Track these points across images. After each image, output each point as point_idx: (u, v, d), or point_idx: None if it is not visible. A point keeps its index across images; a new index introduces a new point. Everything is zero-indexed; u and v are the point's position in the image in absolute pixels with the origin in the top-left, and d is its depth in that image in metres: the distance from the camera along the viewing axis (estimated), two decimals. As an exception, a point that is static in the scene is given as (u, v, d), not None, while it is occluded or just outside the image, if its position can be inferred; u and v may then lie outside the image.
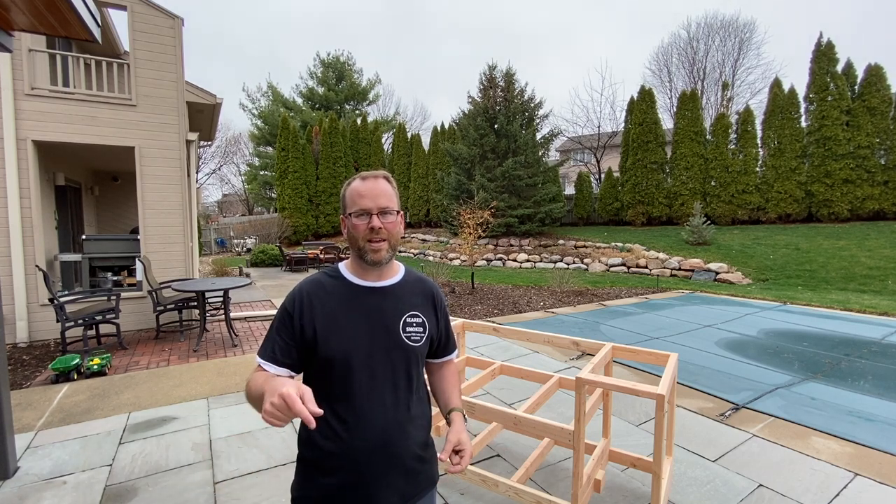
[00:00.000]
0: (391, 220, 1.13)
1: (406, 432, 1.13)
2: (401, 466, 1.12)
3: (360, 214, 1.11)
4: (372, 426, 1.08)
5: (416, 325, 1.18)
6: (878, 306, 7.48)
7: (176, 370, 4.51)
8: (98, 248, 6.84)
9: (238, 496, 2.43)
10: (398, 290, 1.20)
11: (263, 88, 33.39)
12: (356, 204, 1.12)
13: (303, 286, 1.17)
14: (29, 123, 5.55)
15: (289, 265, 13.88)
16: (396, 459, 1.11)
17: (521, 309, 7.63)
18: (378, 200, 1.11)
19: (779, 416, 3.40)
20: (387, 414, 1.11)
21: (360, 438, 1.07)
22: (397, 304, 1.18)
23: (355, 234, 1.13)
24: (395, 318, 1.16)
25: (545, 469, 2.66)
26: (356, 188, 1.14)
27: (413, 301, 1.21)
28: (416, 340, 1.17)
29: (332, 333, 1.10)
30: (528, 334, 2.91)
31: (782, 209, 14.23)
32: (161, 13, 6.26)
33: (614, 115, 27.64)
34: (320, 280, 1.18)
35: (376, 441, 1.08)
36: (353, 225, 1.12)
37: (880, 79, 13.17)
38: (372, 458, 1.08)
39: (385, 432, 1.09)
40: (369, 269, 1.16)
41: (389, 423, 1.10)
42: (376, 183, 1.13)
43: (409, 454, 1.14)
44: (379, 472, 1.08)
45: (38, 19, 2.48)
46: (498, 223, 14.39)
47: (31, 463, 2.75)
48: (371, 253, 1.12)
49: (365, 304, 1.15)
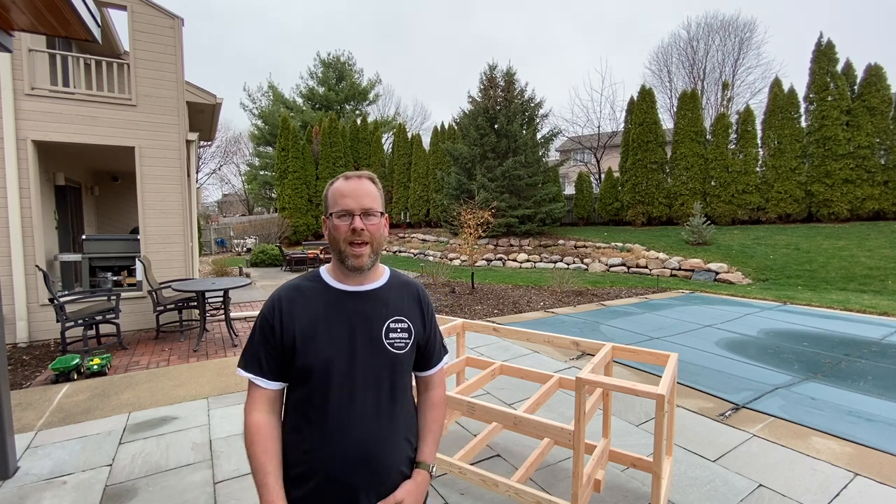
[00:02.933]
0: (374, 221, 1.09)
1: (388, 446, 1.08)
2: (383, 483, 1.06)
3: (341, 215, 1.07)
4: (349, 438, 1.03)
5: (400, 330, 1.12)
6: (878, 306, 7.48)
7: (176, 370, 4.51)
8: (98, 248, 6.84)
9: (238, 496, 2.42)
10: (382, 294, 1.15)
11: (264, 88, 33.46)
12: (338, 204, 1.08)
13: (281, 292, 1.12)
14: (29, 123, 5.55)
15: (289, 265, 13.88)
16: (377, 476, 1.05)
17: (521, 309, 7.63)
18: (361, 201, 1.07)
19: (779, 416, 3.40)
20: (367, 426, 1.05)
21: (337, 450, 1.02)
22: (381, 309, 1.12)
23: (336, 236, 1.08)
24: (378, 323, 1.11)
25: (545, 469, 2.66)
26: (339, 188, 1.09)
27: (398, 305, 1.15)
28: (399, 347, 1.11)
29: (311, 341, 1.05)
30: (528, 334, 2.91)
31: (782, 209, 14.23)
32: (161, 13, 6.26)
33: (614, 115, 27.67)
34: (299, 285, 1.13)
35: (354, 454, 1.03)
36: (335, 226, 1.08)
37: (880, 79, 13.16)
38: (350, 471, 1.02)
39: (364, 446, 1.04)
40: (350, 274, 1.11)
41: (369, 436, 1.05)
42: (360, 183, 1.09)
43: (393, 470, 1.08)
44: (359, 486, 1.03)
45: (38, 19, 2.48)
46: (498, 223, 14.39)
47: (31, 463, 2.75)
48: (352, 258, 1.07)
49: (346, 309, 1.09)
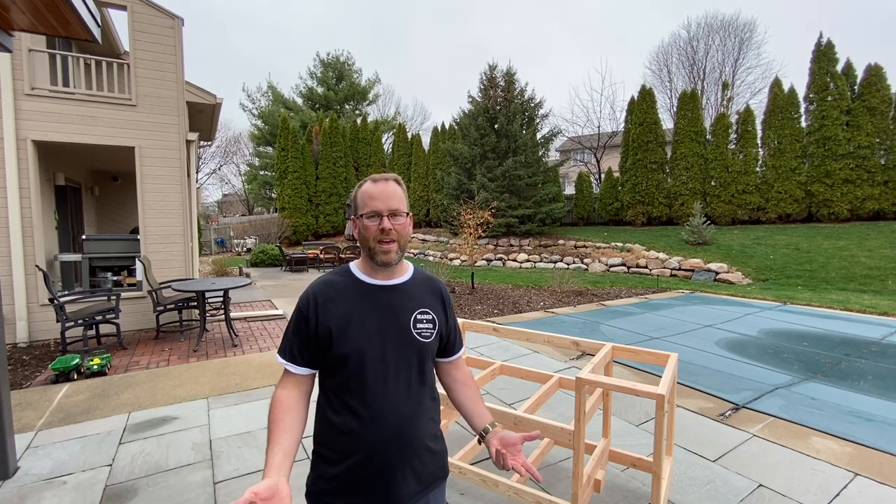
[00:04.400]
0: (401, 221, 1.17)
1: (418, 424, 1.17)
2: (414, 455, 1.15)
3: (371, 216, 1.15)
4: (386, 419, 1.12)
5: (426, 321, 1.22)
6: (878, 306, 7.48)
7: (176, 370, 4.51)
8: (98, 248, 6.84)
9: (238, 496, 2.42)
10: (408, 288, 1.24)
11: (263, 88, 33.43)
12: (367, 206, 1.16)
13: (315, 287, 1.20)
14: (29, 123, 5.55)
15: (289, 265, 13.87)
16: (410, 449, 1.14)
17: (521, 309, 7.63)
18: (389, 203, 1.15)
19: (779, 416, 3.40)
20: (399, 407, 1.14)
21: (376, 431, 1.11)
22: (408, 302, 1.21)
23: (366, 235, 1.16)
24: (406, 314, 1.19)
25: (545, 469, 2.66)
26: (367, 190, 1.17)
27: (422, 298, 1.25)
28: (426, 336, 1.20)
29: (346, 331, 1.13)
30: (528, 334, 2.90)
31: (782, 209, 14.23)
32: (161, 13, 6.25)
33: (614, 115, 27.67)
34: (332, 280, 1.21)
35: (390, 433, 1.11)
36: (365, 226, 1.16)
37: (880, 79, 13.17)
38: (387, 449, 1.11)
39: (398, 424, 1.13)
40: (379, 269, 1.20)
41: (402, 415, 1.14)
42: (387, 185, 1.17)
43: (422, 444, 1.17)
44: (395, 461, 1.12)
45: (38, 19, 2.48)
46: (498, 223, 14.39)
47: (31, 463, 2.75)
48: (381, 254, 1.16)
49: (377, 302, 1.18)
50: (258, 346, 5.42)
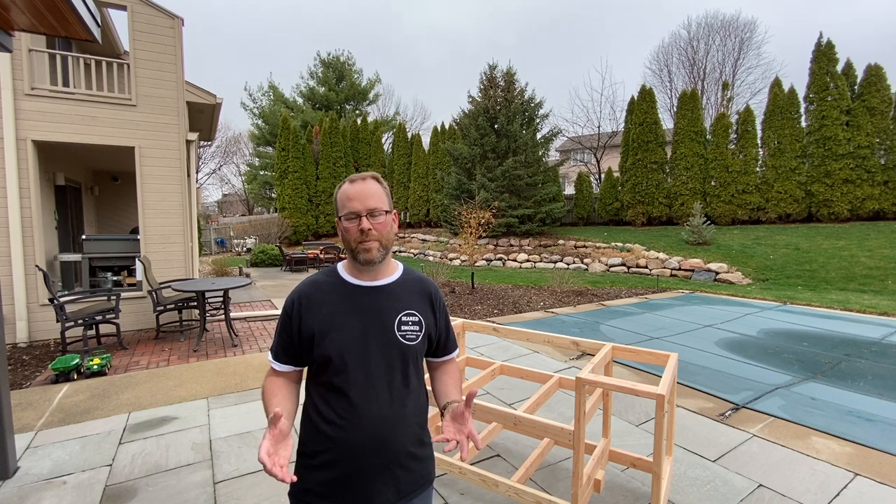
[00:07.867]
0: (381, 220, 1.16)
1: (400, 428, 1.15)
2: (395, 461, 1.13)
3: (350, 217, 1.15)
4: (366, 422, 1.11)
5: (411, 323, 1.20)
6: (878, 306, 7.48)
7: (176, 370, 4.51)
8: (98, 248, 6.84)
9: (238, 496, 2.42)
10: (394, 289, 1.22)
11: (264, 88, 33.40)
12: (345, 207, 1.16)
13: (300, 288, 1.21)
14: (29, 123, 5.55)
15: (289, 265, 13.87)
16: (390, 453, 1.12)
17: (521, 309, 7.63)
18: (366, 202, 1.14)
19: (779, 416, 3.40)
20: (381, 410, 1.12)
21: (355, 433, 1.10)
22: (393, 303, 1.20)
23: (347, 237, 1.17)
24: (391, 316, 1.18)
25: (545, 469, 2.66)
26: (345, 191, 1.17)
27: (409, 299, 1.23)
28: (411, 339, 1.19)
29: (328, 332, 1.13)
30: (528, 334, 2.90)
31: (782, 209, 14.22)
32: (161, 13, 6.26)
33: (614, 115, 27.65)
34: (317, 280, 1.22)
35: (370, 435, 1.10)
36: (345, 227, 1.17)
37: (880, 79, 13.16)
38: (366, 453, 1.10)
39: (379, 428, 1.11)
40: (364, 269, 1.20)
41: (384, 419, 1.12)
42: (364, 185, 1.16)
43: (403, 449, 1.15)
44: (373, 467, 1.10)
45: (38, 19, 2.48)
46: (498, 223, 14.39)
47: (31, 463, 2.75)
48: (363, 252, 1.15)
49: (360, 302, 1.18)
50: (258, 346, 5.42)
